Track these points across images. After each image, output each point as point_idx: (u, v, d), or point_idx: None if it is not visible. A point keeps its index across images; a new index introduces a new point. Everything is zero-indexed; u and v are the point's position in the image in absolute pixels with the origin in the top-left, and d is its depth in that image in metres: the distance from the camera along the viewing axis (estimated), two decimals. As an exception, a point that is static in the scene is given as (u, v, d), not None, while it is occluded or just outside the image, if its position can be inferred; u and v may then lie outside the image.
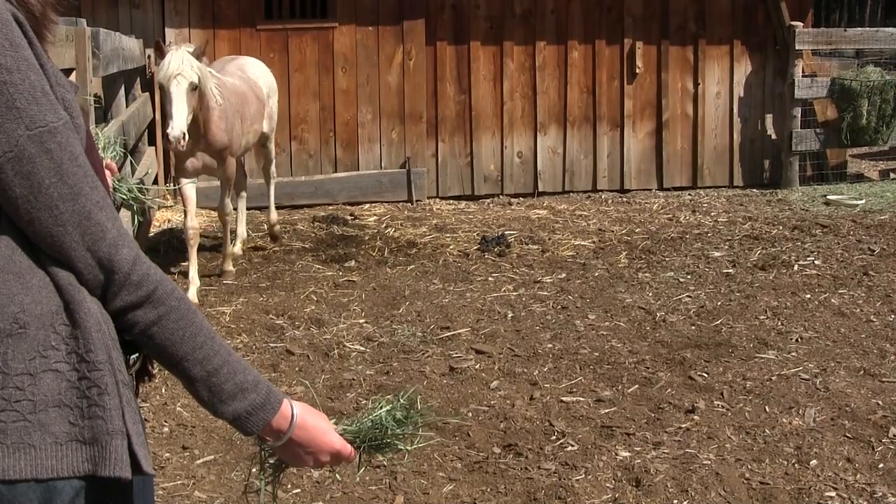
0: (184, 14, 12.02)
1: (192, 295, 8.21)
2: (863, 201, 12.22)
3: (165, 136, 7.82)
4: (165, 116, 7.94)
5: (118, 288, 2.02)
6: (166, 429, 5.79)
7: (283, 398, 2.21)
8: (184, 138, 7.75)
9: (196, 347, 2.11)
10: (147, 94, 11.06)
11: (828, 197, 12.55)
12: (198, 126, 8.27)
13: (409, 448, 2.58)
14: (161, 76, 7.88)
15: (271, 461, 2.45)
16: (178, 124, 7.74)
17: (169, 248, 9.94)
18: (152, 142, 11.35)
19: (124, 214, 5.92)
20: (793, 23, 13.24)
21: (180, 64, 7.83)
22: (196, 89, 7.98)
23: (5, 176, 1.90)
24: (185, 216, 8.79)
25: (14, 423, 1.94)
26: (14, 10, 1.96)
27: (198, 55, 8.06)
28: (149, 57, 11.49)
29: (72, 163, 1.96)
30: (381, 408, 2.52)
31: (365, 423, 2.49)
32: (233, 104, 8.80)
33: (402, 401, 2.56)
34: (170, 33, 11.94)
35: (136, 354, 2.19)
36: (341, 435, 2.39)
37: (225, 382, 2.14)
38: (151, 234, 10.23)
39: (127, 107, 9.22)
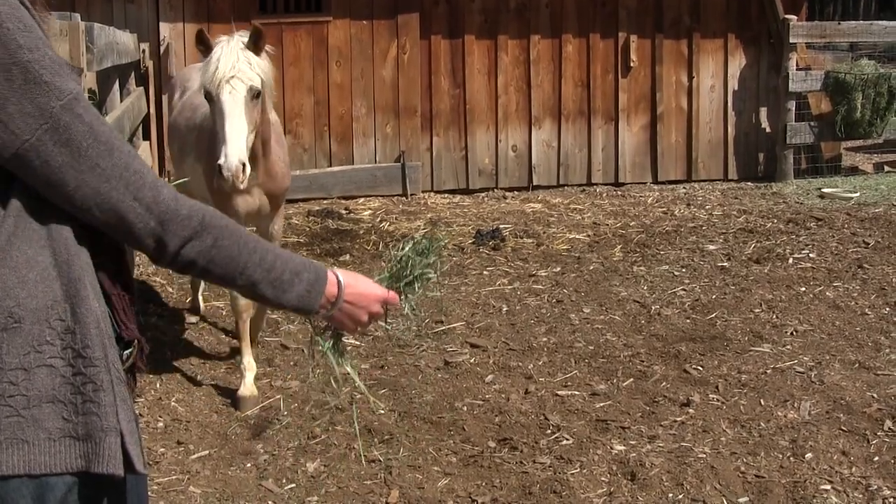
0: (178, 8, 11.99)
1: (250, 384, 6.22)
2: (857, 194, 12.22)
3: (217, 169, 5.39)
4: (214, 139, 5.65)
5: (173, 226, 2.10)
6: (161, 424, 5.79)
7: (326, 268, 2.38)
8: (244, 171, 5.39)
9: (251, 253, 2.23)
10: (141, 88, 11.04)
11: (822, 190, 12.55)
12: (254, 148, 5.78)
13: (437, 274, 2.84)
14: (207, 80, 5.55)
15: (328, 334, 2.67)
16: (235, 150, 5.38)
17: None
18: (146, 136, 11.33)
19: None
20: (787, 16, 13.26)
21: (235, 62, 5.53)
22: (258, 97, 5.63)
23: (45, 148, 1.96)
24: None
25: (7, 418, 1.95)
26: None
27: (255, 46, 5.67)
28: (143, 51, 11.47)
29: (99, 122, 2.03)
30: (405, 248, 2.80)
31: (394, 265, 2.76)
32: (281, 133, 6.74)
33: (421, 237, 2.86)
34: (164, 28, 11.92)
35: (130, 350, 2.20)
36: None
37: (283, 273, 2.28)
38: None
39: (121, 101, 9.18)
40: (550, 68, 13.19)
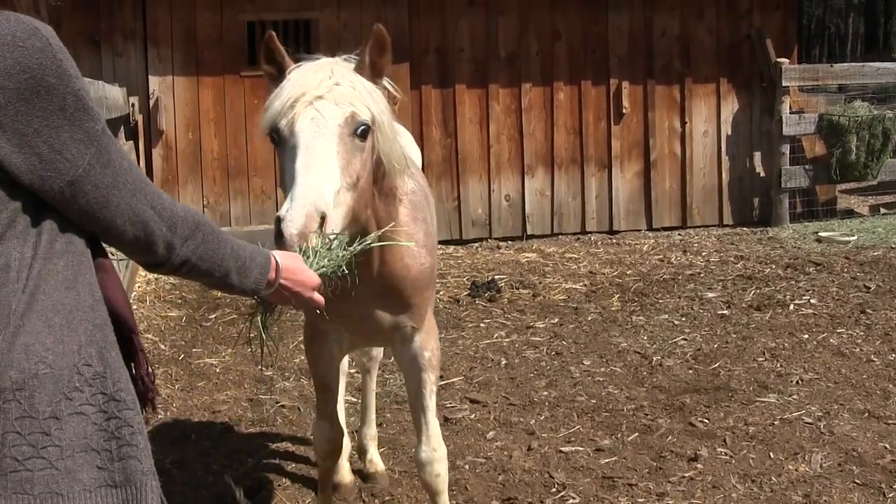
0: (167, 61, 11.91)
1: None
2: (855, 237, 12.12)
3: (275, 224, 3.11)
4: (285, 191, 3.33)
5: (178, 229, 2.21)
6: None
7: (269, 252, 2.53)
8: (320, 226, 3.14)
9: (224, 244, 2.35)
10: (131, 142, 10.96)
11: (819, 234, 12.45)
12: (360, 224, 3.64)
13: (350, 251, 3.21)
14: (275, 111, 3.45)
15: (263, 307, 2.91)
16: (308, 193, 3.18)
17: (156, 299, 9.78)
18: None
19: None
20: (779, 59, 13.21)
21: (325, 78, 3.50)
22: (367, 136, 3.60)
23: (95, 171, 2.05)
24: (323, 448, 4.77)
25: (41, 471, 1.90)
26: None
27: (371, 68, 3.74)
28: (132, 105, 11.40)
29: (117, 141, 2.16)
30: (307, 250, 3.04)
31: (321, 258, 3.04)
32: (425, 199, 4.54)
33: (316, 240, 3.10)
34: (153, 81, 11.83)
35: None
36: None
37: (245, 259, 2.41)
38: (137, 284, 10.07)
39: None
40: (542, 116, 13.12)
